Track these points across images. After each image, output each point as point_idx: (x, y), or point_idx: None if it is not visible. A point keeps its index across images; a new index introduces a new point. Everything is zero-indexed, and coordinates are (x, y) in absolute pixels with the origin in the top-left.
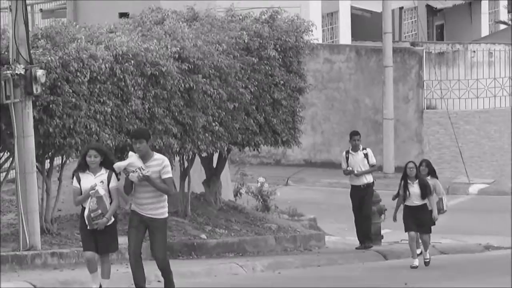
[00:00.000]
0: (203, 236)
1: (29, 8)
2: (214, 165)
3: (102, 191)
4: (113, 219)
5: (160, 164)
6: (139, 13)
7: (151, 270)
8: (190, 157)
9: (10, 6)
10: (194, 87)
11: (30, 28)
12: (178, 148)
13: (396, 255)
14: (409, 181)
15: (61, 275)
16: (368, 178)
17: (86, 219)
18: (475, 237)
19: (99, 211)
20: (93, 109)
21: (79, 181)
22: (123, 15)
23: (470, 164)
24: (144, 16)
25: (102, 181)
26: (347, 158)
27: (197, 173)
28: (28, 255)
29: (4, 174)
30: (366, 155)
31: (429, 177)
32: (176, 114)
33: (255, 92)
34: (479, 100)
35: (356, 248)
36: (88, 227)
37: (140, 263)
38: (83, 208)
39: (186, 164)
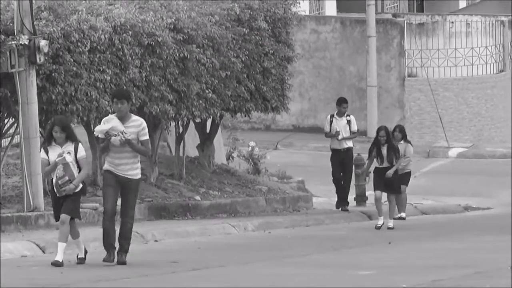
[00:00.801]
0: (198, 197)
1: None
2: (208, 130)
3: (69, 158)
4: (81, 185)
5: (138, 126)
6: None
7: (149, 229)
8: (185, 122)
9: None
10: (188, 57)
11: (33, 1)
12: (173, 114)
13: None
14: (380, 146)
15: None
16: (349, 143)
17: (54, 187)
18: (454, 198)
19: (66, 178)
20: (93, 77)
21: (47, 152)
22: None
23: (449, 129)
24: None
25: (69, 152)
26: (331, 122)
27: (192, 138)
28: (31, 216)
29: (9, 139)
30: (349, 122)
31: (402, 141)
32: (172, 82)
33: (246, 61)
34: (457, 69)
35: (341, 209)
36: (57, 195)
37: (114, 221)
38: (52, 179)
39: (181, 129)
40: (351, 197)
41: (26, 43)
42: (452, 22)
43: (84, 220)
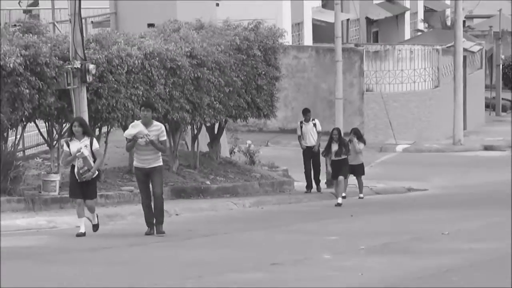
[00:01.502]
0: (208, 182)
1: (83, 20)
2: (215, 132)
3: (86, 152)
4: (97, 172)
5: (159, 129)
6: (162, 23)
7: (171, 206)
8: (198, 126)
9: (70, 19)
10: (201, 76)
11: (84, 35)
12: (190, 120)
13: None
14: (333, 142)
15: (107, 210)
16: (316, 141)
17: (76, 175)
18: (400, 182)
19: (86, 168)
20: (129, 92)
21: (68, 146)
22: (150, 25)
23: (397, 131)
24: (165, 26)
25: (86, 145)
26: (301, 127)
27: (203, 138)
28: None
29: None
30: (314, 125)
31: (356, 140)
32: (188, 95)
33: (244, 79)
34: (403, 85)
35: (305, 192)
36: (78, 181)
37: (151, 207)
38: (73, 167)
39: (195, 131)
40: (322, 181)
41: (79, 66)
42: (400, 50)
43: (122, 200)
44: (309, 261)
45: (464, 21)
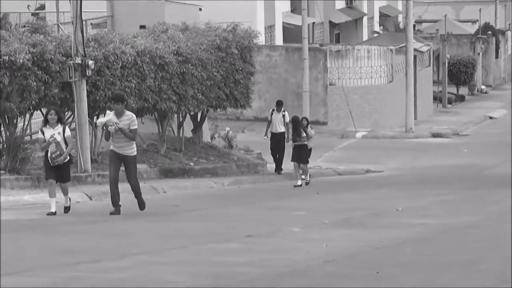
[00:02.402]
0: (192, 164)
1: (84, 22)
2: (198, 120)
3: (59, 138)
4: (68, 157)
5: (130, 119)
6: (152, 25)
7: (160, 185)
8: (184, 114)
9: (72, 21)
10: (186, 71)
11: (84, 35)
12: (176, 109)
13: (310, 176)
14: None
15: (103, 188)
16: (282, 129)
17: (49, 159)
18: (359, 164)
19: (58, 152)
20: (124, 85)
21: (43, 133)
22: (142, 27)
23: (356, 120)
24: (155, 27)
25: (59, 132)
26: (271, 114)
27: (188, 125)
28: (82, 176)
29: (68, 125)
30: (284, 116)
31: (308, 126)
32: (175, 88)
33: (223, 74)
34: (361, 80)
35: (275, 172)
36: (51, 164)
37: (117, 186)
38: (47, 152)
39: (181, 119)
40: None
41: (80, 62)
42: (358, 49)
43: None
44: (279, 234)
45: (414, 25)
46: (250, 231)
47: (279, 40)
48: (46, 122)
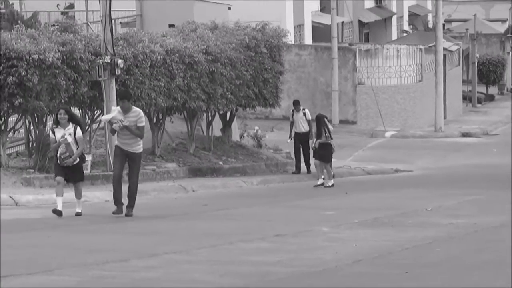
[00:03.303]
0: (221, 163)
1: (113, 21)
2: (227, 119)
3: (69, 139)
4: (78, 159)
5: (137, 116)
6: (181, 24)
7: (189, 184)
8: (213, 114)
9: (101, 19)
10: (215, 70)
11: (113, 34)
12: (205, 108)
13: (340, 175)
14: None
15: None
16: (306, 128)
17: (58, 159)
18: (388, 164)
19: (67, 154)
20: (153, 84)
21: (54, 133)
22: (171, 25)
23: (385, 119)
24: (184, 26)
25: (70, 133)
26: (292, 114)
27: (217, 124)
28: (112, 174)
29: (98, 124)
30: (304, 114)
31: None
32: (204, 87)
33: (252, 73)
34: (391, 79)
35: (293, 173)
36: (60, 164)
37: (120, 183)
38: (57, 151)
39: (210, 118)
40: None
41: (109, 61)
42: (388, 49)
43: (146, 177)
44: (308, 233)
45: (443, 24)
46: (279, 231)
47: (308, 39)
48: (57, 122)
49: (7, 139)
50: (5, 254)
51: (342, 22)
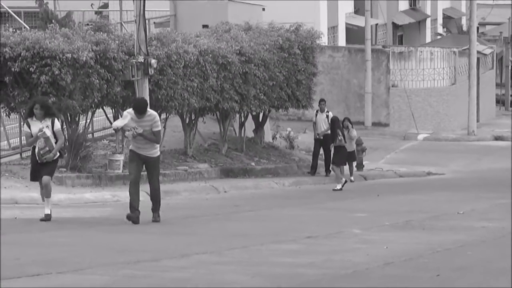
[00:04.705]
0: (253, 164)
1: (146, 21)
2: (260, 120)
3: (48, 132)
4: (58, 154)
5: (152, 119)
6: (215, 25)
7: (220, 184)
8: (245, 114)
9: (135, 19)
10: (248, 71)
11: (147, 34)
12: (238, 109)
13: (372, 177)
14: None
15: (164, 187)
16: (327, 132)
17: (37, 155)
18: (421, 166)
19: (47, 148)
20: (186, 84)
21: (29, 126)
22: (205, 26)
23: (418, 121)
24: (218, 27)
25: (47, 126)
26: (316, 115)
27: (249, 125)
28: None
29: None
30: (327, 116)
31: (350, 127)
32: (237, 88)
33: (286, 75)
34: (424, 82)
35: (308, 173)
36: (38, 161)
37: (138, 189)
38: (34, 147)
39: (243, 119)
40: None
41: (142, 61)
42: (421, 51)
43: (178, 178)
44: (340, 235)
45: (477, 27)
46: (310, 232)
47: (342, 41)
48: (31, 114)
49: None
50: (36, 253)
51: (376, 24)
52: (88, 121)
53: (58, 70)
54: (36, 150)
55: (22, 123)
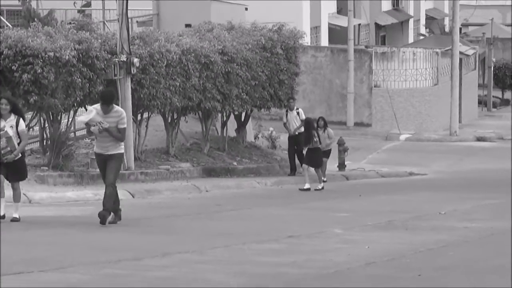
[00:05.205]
0: (235, 163)
1: (129, 20)
2: (242, 119)
3: (10, 132)
4: (20, 155)
5: (119, 116)
6: (198, 24)
7: (202, 184)
8: (228, 114)
9: (118, 18)
10: (231, 71)
11: (130, 33)
12: (220, 108)
13: (354, 177)
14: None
15: (146, 186)
16: (301, 129)
17: None
18: (402, 167)
19: (8, 149)
20: (168, 83)
21: None
22: (187, 25)
23: (400, 122)
24: (200, 26)
25: (11, 126)
26: (286, 115)
27: (232, 124)
28: (126, 173)
29: None
30: (298, 113)
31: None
32: (219, 87)
33: (268, 74)
34: (406, 82)
35: (288, 175)
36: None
37: (115, 192)
38: None
39: (225, 118)
40: (335, 165)
41: (124, 60)
42: (404, 52)
43: (160, 177)
44: (322, 235)
45: (460, 28)
46: (292, 232)
47: (324, 41)
48: None
49: None
50: (18, 252)
51: (359, 25)
52: (70, 119)
53: (41, 68)
54: None
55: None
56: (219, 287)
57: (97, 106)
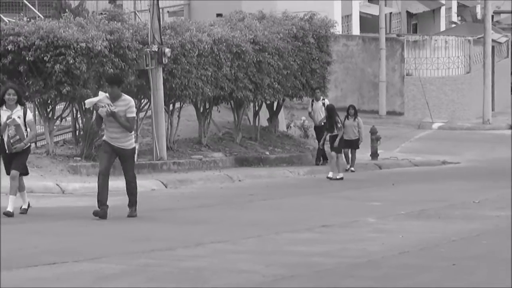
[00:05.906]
0: (267, 153)
1: (160, 10)
2: (274, 109)
3: (19, 120)
4: (29, 144)
5: (127, 104)
6: (229, 14)
7: (235, 173)
8: (260, 103)
9: (149, 8)
10: (262, 60)
11: (161, 23)
12: (252, 98)
13: (387, 166)
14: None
15: (178, 176)
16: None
17: (6, 145)
18: (435, 155)
19: (17, 137)
20: (200, 73)
21: None
22: (219, 15)
23: (433, 110)
24: (232, 16)
25: (19, 116)
26: (312, 104)
27: (264, 114)
28: (158, 163)
29: (144, 112)
30: (323, 104)
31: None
32: (251, 77)
33: (300, 63)
34: (439, 71)
35: (315, 165)
36: (7, 152)
37: (107, 182)
38: (2, 139)
39: (257, 108)
40: (367, 154)
41: (156, 50)
42: (436, 40)
43: (192, 166)
44: (355, 224)
45: (492, 16)
46: (325, 221)
47: (356, 29)
48: (2, 102)
49: (54, 127)
50: (52, 242)
51: (390, 13)
52: None
53: (73, 59)
54: (6, 138)
55: (37, 112)
56: (252, 276)
57: (106, 93)
